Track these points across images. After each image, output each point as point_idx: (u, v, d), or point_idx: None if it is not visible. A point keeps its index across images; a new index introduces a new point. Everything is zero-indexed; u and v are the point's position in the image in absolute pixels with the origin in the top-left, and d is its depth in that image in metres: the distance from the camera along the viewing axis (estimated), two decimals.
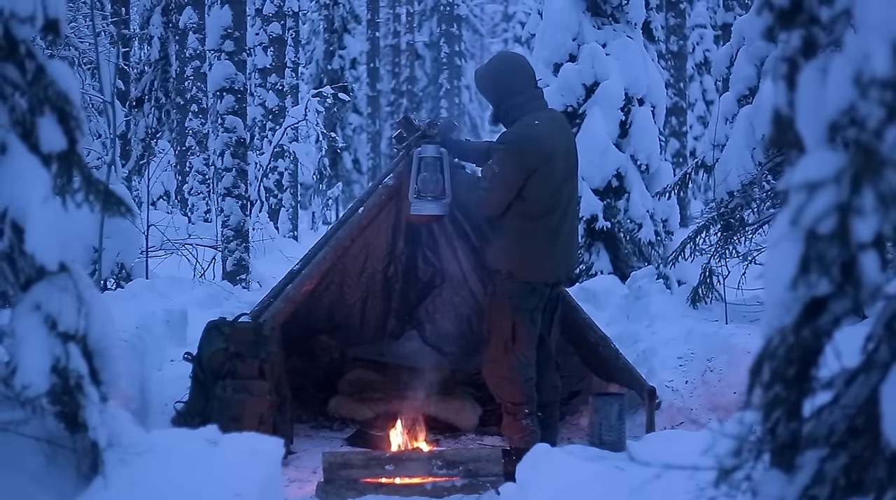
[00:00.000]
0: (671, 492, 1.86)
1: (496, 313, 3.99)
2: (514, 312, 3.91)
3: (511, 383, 3.93)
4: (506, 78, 3.93)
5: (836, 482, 1.58)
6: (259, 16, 14.50)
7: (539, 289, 3.96)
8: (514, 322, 3.91)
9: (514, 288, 3.92)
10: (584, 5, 8.12)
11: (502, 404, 4.03)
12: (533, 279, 3.94)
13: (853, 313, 1.55)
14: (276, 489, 2.70)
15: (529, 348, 3.95)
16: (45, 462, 2.32)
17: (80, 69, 9.43)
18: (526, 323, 3.93)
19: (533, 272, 3.93)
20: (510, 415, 3.97)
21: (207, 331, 4.19)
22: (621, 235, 8.00)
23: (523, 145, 3.81)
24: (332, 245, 4.64)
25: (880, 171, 1.40)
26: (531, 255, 3.90)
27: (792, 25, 1.65)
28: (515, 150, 3.83)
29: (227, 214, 8.38)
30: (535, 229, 3.89)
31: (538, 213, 3.88)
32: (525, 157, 3.79)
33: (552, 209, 3.92)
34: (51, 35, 2.37)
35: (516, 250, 3.89)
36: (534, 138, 3.82)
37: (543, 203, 3.88)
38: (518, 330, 3.91)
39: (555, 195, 3.90)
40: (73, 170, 2.34)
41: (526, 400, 3.93)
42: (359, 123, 25.10)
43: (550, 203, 3.90)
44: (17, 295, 2.31)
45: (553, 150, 3.85)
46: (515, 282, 3.92)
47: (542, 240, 3.90)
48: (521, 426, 3.91)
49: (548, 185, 3.87)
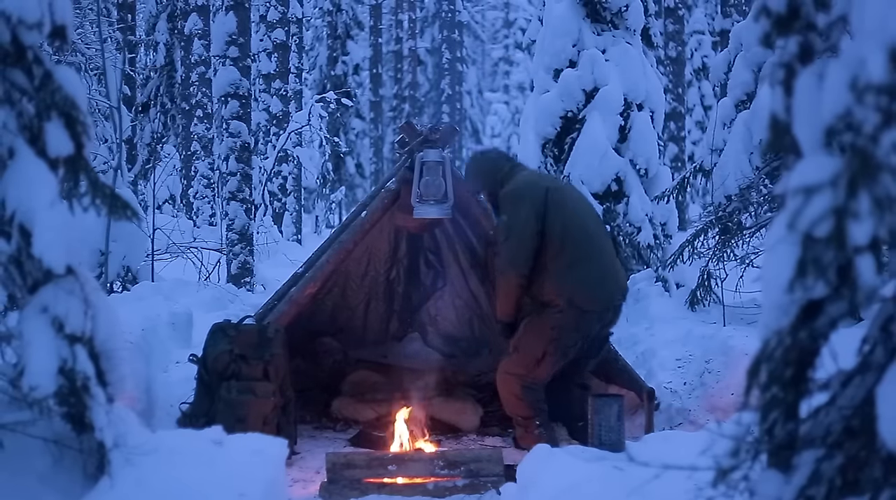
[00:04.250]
0: (670, 492, 1.87)
1: (533, 335, 4.01)
2: (551, 342, 3.96)
3: (521, 400, 4.04)
4: (486, 166, 4.27)
5: (832, 482, 1.59)
6: (263, 22, 14.55)
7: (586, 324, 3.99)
8: (546, 351, 3.97)
9: (563, 320, 3.94)
10: (584, 12, 8.15)
11: (512, 417, 4.13)
12: (594, 306, 3.98)
13: (849, 315, 1.57)
14: (280, 489, 2.72)
15: (548, 378, 4.04)
16: (52, 463, 2.34)
17: (86, 75, 9.47)
18: (557, 357, 4.00)
19: (593, 297, 3.98)
20: (522, 427, 4.08)
21: (212, 333, 4.20)
22: (620, 239, 8.02)
23: (523, 191, 4.03)
24: (336, 249, 4.67)
25: (876, 175, 1.41)
26: (587, 278, 3.95)
27: (789, 32, 1.67)
28: (518, 196, 4.01)
29: (231, 217, 8.41)
30: (579, 257, 3.96)
31: (576, 246, 3.96)
32: (529, 197, 3.98)
33: (589, 238, 4.01)
34: (58, 41, 2.40)
35: (571, 278, 3.93)
36: (530, 183, 4.11)
37: (576, 235, 3.97)
38: (546, 360, 3.98)
39: (584, 225, 4.03)
40: (80, 174, 2.37)
41: (535, 413, 4.03)
42: (361, 128, 25.12)
43: (583, 233, 4.00)
44: (24, 298, 2.33)
45: (549, 187, 4.08)
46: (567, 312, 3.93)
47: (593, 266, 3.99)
48: (535, 437, 3.96)
49: (566, 215, 3.98)
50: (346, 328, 5.72)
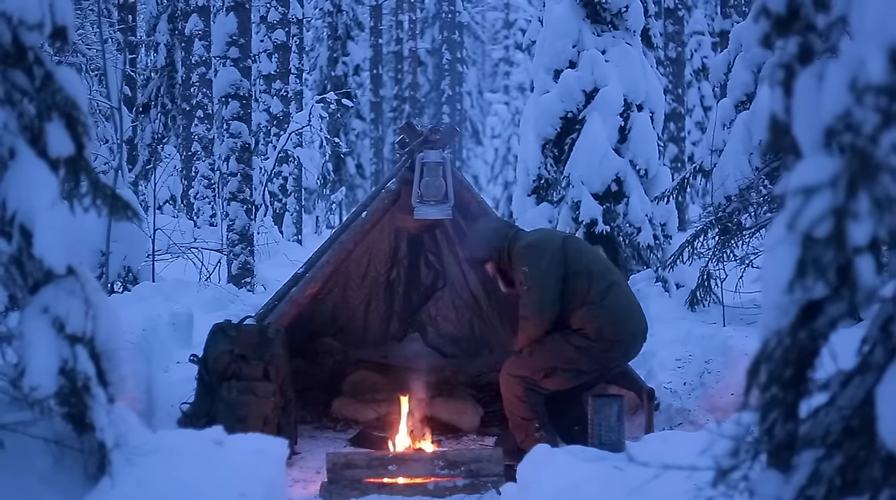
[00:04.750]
0: (669, 492, 1.88)
1: (554, 347, 4.01)
2: (569, 360, 3.97)
3: (522, 402, 4.04)
4: (489, 234, 4.22)
5: (831, 482, 1.59)
6: (264, 23, 14.55)
7: (615, 353, 4.02)
8: (559, 368, 3.98)
9: (587, 345, 3.96)
10: (584, 13, 8.15)
11: (511, 419, 4.12)
12: (622, 337, 4.01)
13: (849, 315, 1.57)
14: (281, 489, 2.72)
15: (551, 389, 4.04)
16: (53, 463, 2.34)
17: (87, 75, 9.48)
18: (568, 375, 4.01)
19: (623, 329, 4.01)
20: (522, 430, 4.06)
21: (213, 333, 4.21)
22: (620, 239, 8.02)
23: (541, 242, 4.08)
24: (336, 249, 4.67)
25: (875, 175, 1.41)
26: (618, 308, 4.00)
27: (789, 32, 1.67)
28: (537, 247, 4.04)
29: (232, 218, 8.42)
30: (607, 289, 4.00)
31: (601, 280, 4.00)
32: (548, 248, 4.03)
33: (610, 275, 4.07)
34: (59, 42, 2.40)
35: (603, 308, 3.97)
36: (544, 235, 4.23)
37: (599, 271, 4.03)
38: (557, 376, 4.00)
39: (605, 266, 4.11)
40: (81, 175, 2.37)
41: (535, 416, 4.03)
42: (362, 129, 25.13)
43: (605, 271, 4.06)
44: (25, 298, 2.33)
45: (565, 236, 4.19)
46: (596, 343, 3.95)
47: (622, 297, 4.04)
48: (536, 440, 3.95)
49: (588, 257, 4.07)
50: (346, 329, 5.72)
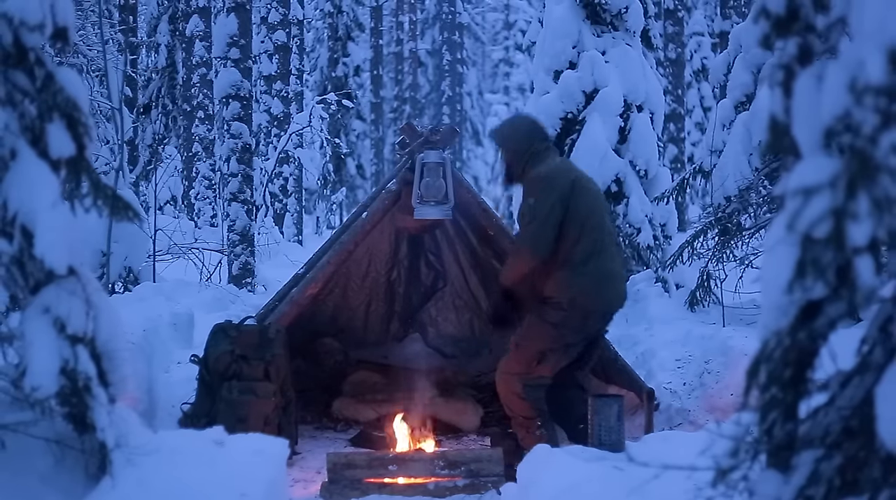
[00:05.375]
0: (669, 492, 1.88)
1: (534, 332, 3.97)
2: (554, 340, 3.93)
3: (522, 399, 3.98)
4: (522, 134, 4.12)
5: (831, 482, 1.59)
6: (264, 24, 14.56)
7: (591, 324, 3.98)
8: (548, 348, 3.93)
9: (567, 318, 3.92)
10: (584, 14, 8.17)
11: (513, 417, 4.06)
12: (596, 307, 3.96)
13: (848, 316, 1.57)
14: (281, 489, 2.73)
15: (550, 375, 4.00)
16: (54, 463, 2.35)
17: (88, 76, 9.49)
18: (558, 353, 3.95)
19: (598, 298, 3.95)
20: (523, 428, 4.01)
21: (213, 334, 4.21)
22: (620, 240, 8.03)
23: (555, 178, 3.97)
24: (336, 249, 4.68)
25: (875, 176, 1.41)
26: (595, 276, 3.92)
27: (788, 33, 1.67)
28: (549, 183, 3.95)
29: (232, 218, 8.43)
30: (592, 253, 3.93)
31: (591, 242, 3.93)
32: (558, 184, 3.93)
33: (603, 239, 3.99)
34: (60, 43, 2.40)
35: (580, 274, 3.91)
36: (561, 171, 4.04)
37: (592, 233, 3.94)
38: (548, 357, 3.95)
39: (600, 224, 4.00)
40: (82, 175, 2.38)
41: (537, 413, 3.98)
42: (362, 130, 25.15)
43: (599, 233, 3.97)
44: (26, 298, 2.33)
45: (575, 179, 4.02)
46: (569, 312, 3.91)
47: (602, 265, 3.95)
48: (537, 438, 3.93)
49: (586, 212, 3.95)
50: (346, 329, 5.73)
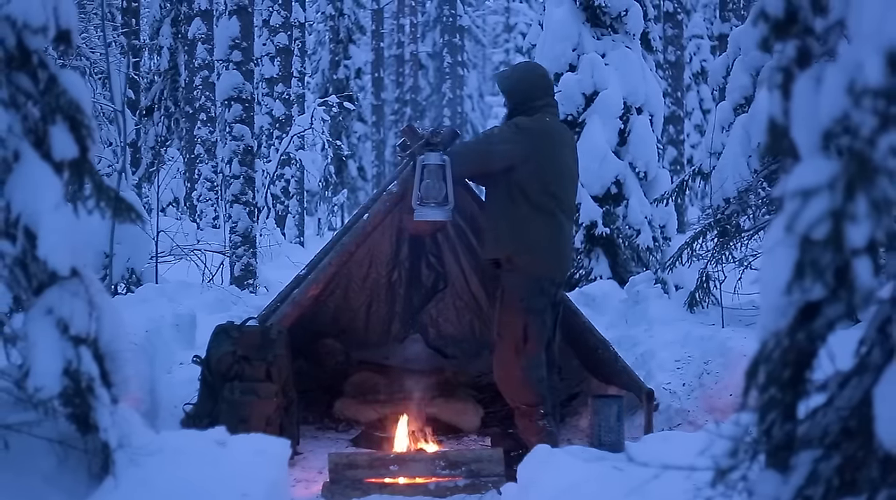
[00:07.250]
0: (669, 492, 1.88)
1: (507, 316, 4.00)
2: (526, 313, 3.94)
3: (524, 384, 3.95)
4: (528, 83, 4.14)
5: (829, 483, 1.60)
6: (266, 27, 14.58)
7: (545, 288, 4.00)
8: (525, 323, 3.94)
9: (523, 289, 3.94)
10: (584, 16, 8.18)
11: (516, 408, 4.03)
12: (536, 273, 3.96)
13: (847, 317, 1.57)
14: (283, 489, 2.74)
15: (540, 348, 3.99)
16: (57, 463, 2.36)
17: (91, 79, 9.50)
18: (537, 324, 3.96)
19: (535, 265, 3.96)
20: (525, 417, 3.97)
21: (216, 335, 4.22)
22: (620, 241, 8.05)
23: (531, 129, 3.98)
24: (338, 251, 4.68)
25: (873, 178, 1.42)
26: (533, 244, 3.94)
27: (787, 36, 1.68)
28: (522, 129, 3.97)
29: (234, 220, 8.44)
30: (537, 221, 3.95)
31: (540, 207, 3.95)
32: (527, 138, 3.94)
33: (555, 209, 3.98)
34: (63, 45, 2.41)
35: (517, 237, 3.94)
36: (542, 128, 4.02)
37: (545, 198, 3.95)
38: (529, 331, 3.94)
39: (558, 195, 3.99)
40: (85, 177, 2.38)
41: (540, 400, 3.95)
42: (363, 132, 25.18)
43: (553, 201, 3.97)
44: (29, 299, 2.34)
45: (555, 144, 4.01)
46: (521, 278, 3.94)
47: (545, 234, 3.97)
48: (539, 428, 3.91)
49: (547, 179, 3.95)
50: (348, 330, 5.74)
